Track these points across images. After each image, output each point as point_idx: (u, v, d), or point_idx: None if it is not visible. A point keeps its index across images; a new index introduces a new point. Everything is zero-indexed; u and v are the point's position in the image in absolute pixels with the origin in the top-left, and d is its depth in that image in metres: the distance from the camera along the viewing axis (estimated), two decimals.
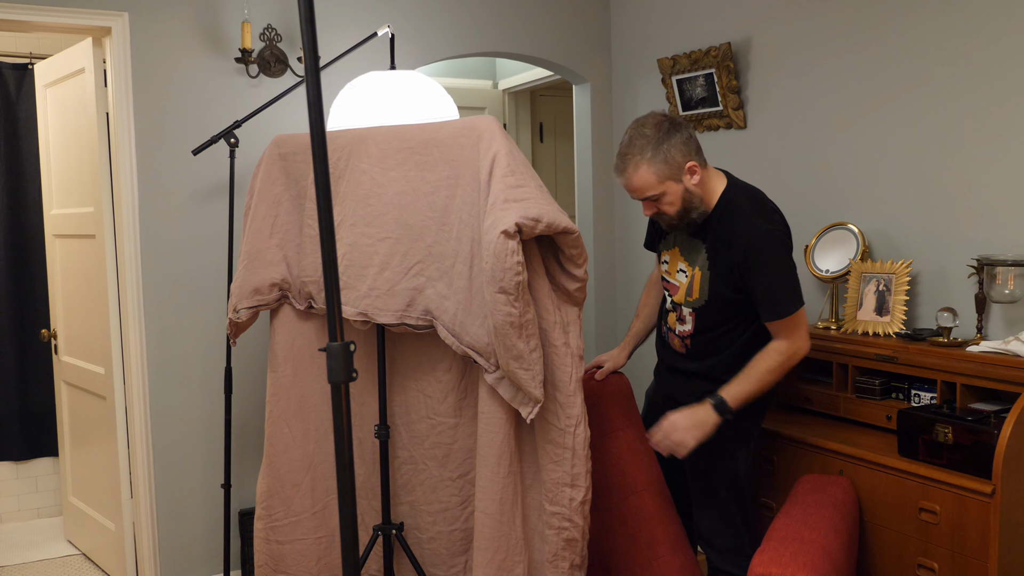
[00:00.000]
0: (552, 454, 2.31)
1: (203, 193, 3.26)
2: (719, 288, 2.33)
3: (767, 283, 2.25)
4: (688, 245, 2.43)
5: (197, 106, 3.22)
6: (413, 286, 2.47)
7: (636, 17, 3.92)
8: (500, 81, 5.18)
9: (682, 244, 2.46)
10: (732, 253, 2.29)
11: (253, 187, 2.86)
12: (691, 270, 2.41)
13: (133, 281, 3.16)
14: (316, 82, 1.39)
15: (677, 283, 2.46)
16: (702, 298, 2.38)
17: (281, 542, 2.83)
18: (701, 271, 2.38)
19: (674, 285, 2.47)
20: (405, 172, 2.50)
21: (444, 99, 2.92)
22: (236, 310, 2.78)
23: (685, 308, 2.44)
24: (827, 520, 2.17)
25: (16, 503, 4.34)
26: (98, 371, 3.46)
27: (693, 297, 2.41)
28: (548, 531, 2.34)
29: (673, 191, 2.28)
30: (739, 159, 3.40)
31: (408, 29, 3.58)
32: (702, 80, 3.45)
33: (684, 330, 2.45)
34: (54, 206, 3.78)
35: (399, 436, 2.76)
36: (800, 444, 2.58)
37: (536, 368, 2.18)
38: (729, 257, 2.30)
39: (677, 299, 2.46)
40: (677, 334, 2.48)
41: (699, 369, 2.43)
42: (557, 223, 2.14)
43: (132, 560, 3.38)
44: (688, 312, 2.43)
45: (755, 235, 2.25)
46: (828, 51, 3.00)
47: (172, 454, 3.26)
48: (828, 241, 2.92)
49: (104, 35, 3.17)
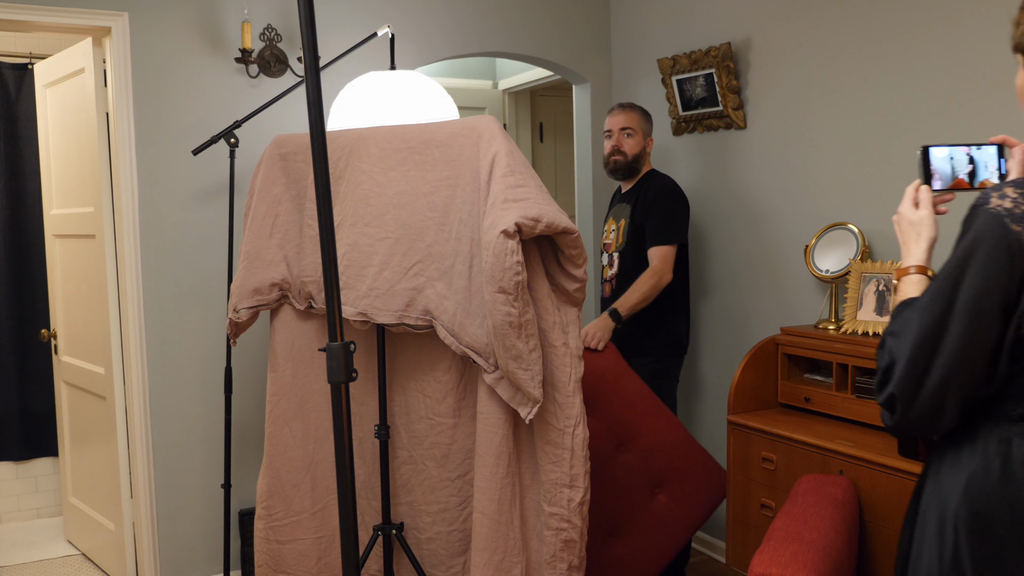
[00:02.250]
0: (551, 455, 2.31)
1: (203, 193, 3.26)
2: (634, 232, 3.20)
3: (661, 215, 3.14)
4: (618, 212, 3.33)
5: (197, 106, 3.22)
6: (413, 286, 2.47)
7: (636, 17, 3.92)
8: (500, 81, 5.18)
9: (614, 213, 3.37)
10: (646, 199, 3.19)
11: (253, 187, 2.86)
12: (618, 225, 3.30)
13: (133, 281, 3.16)
14: (316, 82, 1.39)
15: (610, 240, 3.34)
16: (624, 242, 3.25)
17: (281, 542, 2.83)
18: (625, 221, 3.25)
19: (609, 243, 3.36)
20: (405, 172, 2.50)
21: (444, 99, 2.92)
22: (236, 310, 2.78)
23: (614, 254, 3.30)
24: (827, 520, 2.17)
25: (16, 503, 4.34)
26: (98, 371, 3.46)
27: (619, 242, 3.28)
28: (546, 532, 2.34)
29: (638, 139, 3.27)
30: (739, 159, 3.40)
31: (408, 29, 3.58)
32: (702, 80, 3.45)
33: (612, 273, 3.30)
34: (54, 206, 3.78)
35: (399, 436, 2.76)
36: (800, 444, 2.59)
37: (535, 368, 2.18)
38: (644, 204, 3.18)
39: (611, 250, 3.32)
40: (608, 279, 3.33)
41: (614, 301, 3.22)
42: (557, 223, 2.14)
43: (132, 560, 3.38)
44: (616, 256, 3.29)
45: (667, 185, 3.22)
46: (828, 51, 3.00)
47: (172, 454, 3.26)
48: (828, 241, 2.92)
49: (104, 35, 3.17)
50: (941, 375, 1.21)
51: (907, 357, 1.23)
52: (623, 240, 3.25)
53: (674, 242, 3.12)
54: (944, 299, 1.21)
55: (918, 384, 1.22)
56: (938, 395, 1.21)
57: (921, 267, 1.38)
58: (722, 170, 3.49)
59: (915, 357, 1.22)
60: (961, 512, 1.24)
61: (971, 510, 1.23)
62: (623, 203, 3.31)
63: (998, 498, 1.22)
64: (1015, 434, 1.22)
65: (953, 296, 1.20)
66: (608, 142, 3.28)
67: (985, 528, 1.23)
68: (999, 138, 1.42)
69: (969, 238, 1.20)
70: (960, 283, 1.19)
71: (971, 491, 1.24)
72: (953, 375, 1.20)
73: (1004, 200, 1.18)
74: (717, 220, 3.51)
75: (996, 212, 1.18)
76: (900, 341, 1.26)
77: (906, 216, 1.42)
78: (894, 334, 1.28)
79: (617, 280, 3.26)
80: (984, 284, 1.18)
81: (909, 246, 1.41)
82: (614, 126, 3.25)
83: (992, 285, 1.17)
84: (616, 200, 3.43)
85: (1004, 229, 1.17)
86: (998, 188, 1.21)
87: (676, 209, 3.17)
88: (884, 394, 1.27)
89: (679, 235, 3.15)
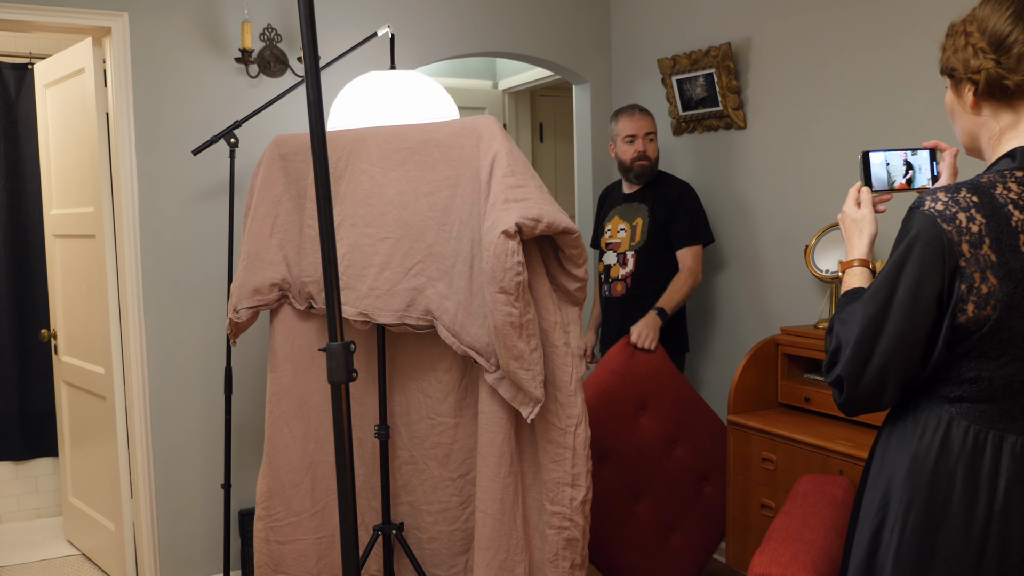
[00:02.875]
0: (553, 454, 2.31)
1: (203, 193, 3.26)
2: (656, 231, 3.27)
3: (691, 217, 3.25)
4: (626, 212, 3.38)
5: (197, 106, 3.22)
6: (413, 286, 2.47)
7: (636, 17, 3.92)
8: (500, 81, 5.18)
9: (620, 212, 3.40)
10: (669, 200, 3.27)
11: (253, 187, 2.86)
12: (630, 225, 3.34)
13: (133, 281, 3.16)
14: (316, 82, 1.39)
15: (619, 240, 3.37)
16: (643, 241, 3.29)
17: (281, 542, 2.83)
18: (643, 221, 3.30)
19: (616, 243, 3.38)
20: (405, 172, 2.50)
21: (444, 99, 2.92)
22: (236, 310, 2.78)
23: (628, 253, 3.33)
24: (827, 520, 2.17)
25: (16, 503, 4.34)
26: (98, 371, 3.46)
27: (635, 241, 3.31)
28: (549, 531, 2.34)
29: (656, 143, 3.36)
30: (739, 159, 3.40)
31: (408, 29, 3.58)
32: (702, 80, 3.45)
33: (626, 272, 3.34)
34: (54, 206, 3.78)
35: (399, 436, 2.76)
36: (800, 444, 2.59)
37: (536, 368, 2.18)
38: (667, 205, 3.26)
39: (623, 249, 3.35)
40: (620, 279, 3.35)
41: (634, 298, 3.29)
42: (557, 223, 2.14)
43: (132, 560, 3.38)
44: (631, 255, 3.32)
45: (688, 187, 3.33)
46: (828, 51, 3.00)
47: (172, 454, 3.26)
48: (828, 241, 2.92)
49: (104, 35, 3.17)
50: (883, 358, 1.33)
51: (854, 341, 1.35)
52: (641, 239, 3.29)
53: (705, 242, 3.27)
54: (886, 291, 1.33)
55: (863, 365, 1.35)
56: (880, 376, 1.34)
57: (863, 260, 1.52)
58: (722, 170, 3.49)
59: (861, 341, 1.35)
60: (905, 486, 1.37)
61: (913, 484, 1.36)
62: (633, 203, 3.36)
63: (938, 473, 1.34)
64: (954, 415, 1.35)
65: (894, 288, 1.33)
66: (629, 147, 3.31)
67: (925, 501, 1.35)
68: (931, 143, 1.58)
69: (908, 237, 1.33)
70: (899, 276, 1.32)
71: (914, 468, 1.36)
72: (893, 358, 1.33)
73: (936, 203, 1.31)
74: (717, 220, 3.51)
75: (930, 213, 1.30)
76: (846, 327, 1.38)
77: (849, 214, 1.55)
78: (841, 321, 1.41)
79: (633, 279, 3.31)
80: (920, 277, 1.30)
81: (852, 241, 1.54)
82: (639, 131, 3.29)
83: (927, 278, 1.30)
84: (617, 200, 3.45)
85: (937, 228, 1.29)
86: (931, 192, 1.33)
87: (701, 210, 3.31)
88: (833, 375, 1.40)
89: (709, 234, 3.29)
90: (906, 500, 1.36)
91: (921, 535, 1.35)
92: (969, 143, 1.47)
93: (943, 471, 1.34)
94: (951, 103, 1.48)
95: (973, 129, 1.44)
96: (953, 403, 1.35)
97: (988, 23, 1.36)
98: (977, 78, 1.38)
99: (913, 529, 1.35)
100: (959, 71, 1.42)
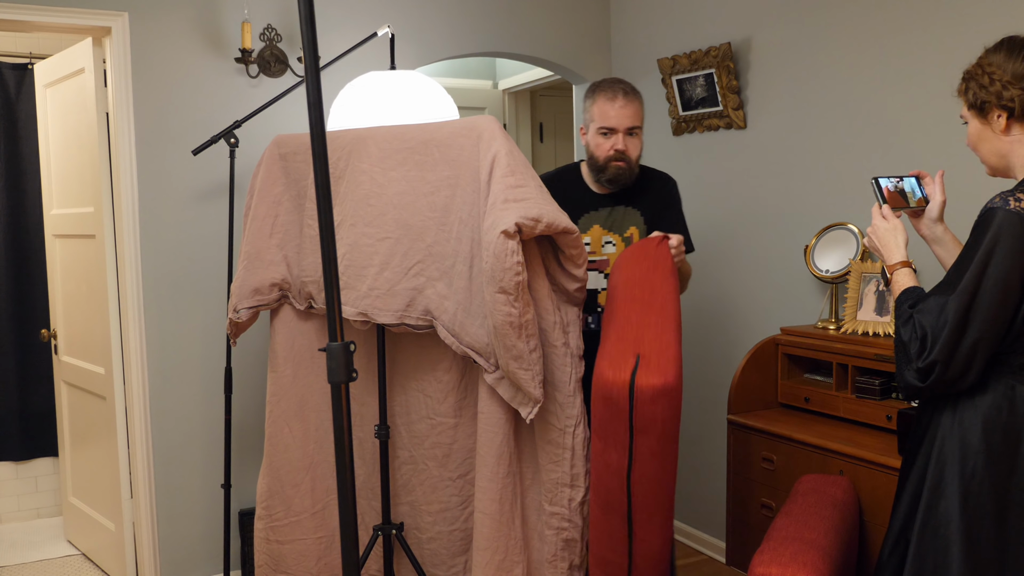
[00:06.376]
0: (551, 454, 2.31)
1: (203, 193, 3.26)
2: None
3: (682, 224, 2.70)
4: (609, 219, 2.64)
5: (197, 106, 3.22)
6: (413, 286, 2.47)
7: (636, 17, 3.92)
8: (500, 81, 5.18)
9: (600, 220, 2.65)
10: (658, 201, 2.67)
11: (253, 187, 2.86)
12: (621, 237, 2.64)
13: (133, 281, 3.16)
14: (316, 82, 1.39)
15: (606, 255, 2.64)
16: None
17: (281, 542, 2.83)
18: (639, 229, 2.65)
19: (604, 260, 2.64)
20: (405, 172, 2.50)
21: (444, 99, 2.92)
22: (236, 310, 2.78)
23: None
24: (827, 520, 2.17)
25: (16, 503, 4.34)
26: (98, 371, 3.46)
27: None
28: (547, 531, 2.34)
29: (640, 138, 2.59)
30: (739, 159, 3.40)
31: (408, 29, 3.58)
32: (702, 80, 3.45)
33: None
34: (54, 206, 3.78)
35: (399, 436, 2.76)
36: (800, 444, 2.59)
37: (536, 368, 2.18)
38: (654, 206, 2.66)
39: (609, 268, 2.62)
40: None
41: None
42: (557, 223, 2.14)
43: (132, 560, 3.38)
44: None
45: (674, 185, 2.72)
46: (828, 51, 3.00)
47: (172, 454, 3.26)
48: (828, 241, 2.92)
49: (104, 35, 3.17)
50: (975, 337, 1.58)
51: (950, 327, 1.58)
52: None
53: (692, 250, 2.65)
54: (976, 279, 1.58)
55: (956, 347, 1.58)
56: (970, 354, 1.59)
57: (905, 262, 1.79)
58: (722, 170, 3.49)
59: (956, 326, 1.58)
60: (981, 445, 1.62)
61: (988, 440, 1.61)
62: (617, 207, 2.64)
63: (1008, 430, 1.61)
64: (1018, 380, 1.63)
65: (982, 276, 1.57)
66: (605, 141, 2.51)
67: (1000, 455, 1.61)
68: (915, 172, 1.91)
69: (992, 231, 1.58)
70: (988, 265, 1.57)
71: (987, 426, 1.62)
72: (985, 337, 1.58)
73: (1020, 203, 1.59)
74: (717, 220, 3.51)
75: (1014, 211, 1.58)
76: (932, 317, 1.61)
77: (880, 227, 1.83)
78: (922, 312, 1.63)
79: None
80: (1010, 263, 1.57)
81: (890, 247, 1.81)
82: (619, 125, 2.49)
83: (1015, 264, 1.57)
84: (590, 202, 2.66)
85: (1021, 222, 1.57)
86: (1011, 193, 1.59)
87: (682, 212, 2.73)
88: (926, 360, 1.61)
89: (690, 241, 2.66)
90: (984, 452, 1.61)
91: (996, 480, 1.60)
92: (998, 162, 1.71)
93: (1012, 427, 1.61)
94: (977, 133, 1.73)
95: (1004, 149, 1.69)
96: (1016, 372, 1.62)
97: (1007, 67, 1.66)
98: (1012, 104, 1.65)
99: (987, 477, 1.61)
100: (991, 102, 1.68)
